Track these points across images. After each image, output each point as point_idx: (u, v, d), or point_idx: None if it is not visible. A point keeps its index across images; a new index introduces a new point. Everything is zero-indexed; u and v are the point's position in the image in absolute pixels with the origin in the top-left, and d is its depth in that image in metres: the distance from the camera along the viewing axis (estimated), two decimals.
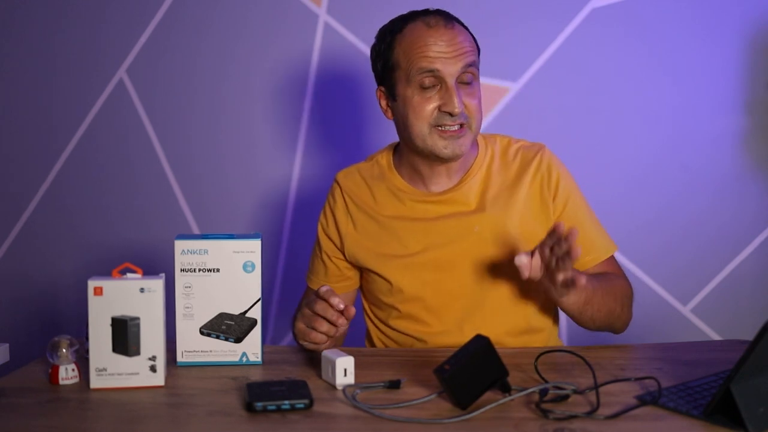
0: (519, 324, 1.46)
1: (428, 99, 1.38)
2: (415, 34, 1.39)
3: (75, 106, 2.22)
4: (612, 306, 1.39)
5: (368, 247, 1.49)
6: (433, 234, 1.45)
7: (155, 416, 1.09)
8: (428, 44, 1.37)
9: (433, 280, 1.45)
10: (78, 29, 2.20)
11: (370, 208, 1.51)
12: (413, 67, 1.38)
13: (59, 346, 1.21)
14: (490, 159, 1.49)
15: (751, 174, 2.06)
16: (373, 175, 1.53)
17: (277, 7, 2.13)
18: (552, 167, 1.47)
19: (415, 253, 1.45)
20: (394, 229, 1.48)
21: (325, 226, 1.56)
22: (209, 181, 2.20)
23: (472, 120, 1.40)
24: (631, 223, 2.07)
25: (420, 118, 1.39)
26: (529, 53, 2.07)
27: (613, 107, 2.07)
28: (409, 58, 1.38)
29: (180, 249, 1.29)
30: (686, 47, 2.04)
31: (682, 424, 1.01)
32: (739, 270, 2.07)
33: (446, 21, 1.40)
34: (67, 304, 2.26)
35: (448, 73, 1.36)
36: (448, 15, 1.43)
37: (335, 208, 1.54)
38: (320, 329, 1.26)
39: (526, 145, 1.50)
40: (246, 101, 2.17)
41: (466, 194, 1.46)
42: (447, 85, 1.37)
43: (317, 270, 1.59)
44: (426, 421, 1.03)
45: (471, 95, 1.39)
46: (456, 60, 1.36)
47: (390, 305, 1.49)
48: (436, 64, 1.36)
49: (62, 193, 2.25)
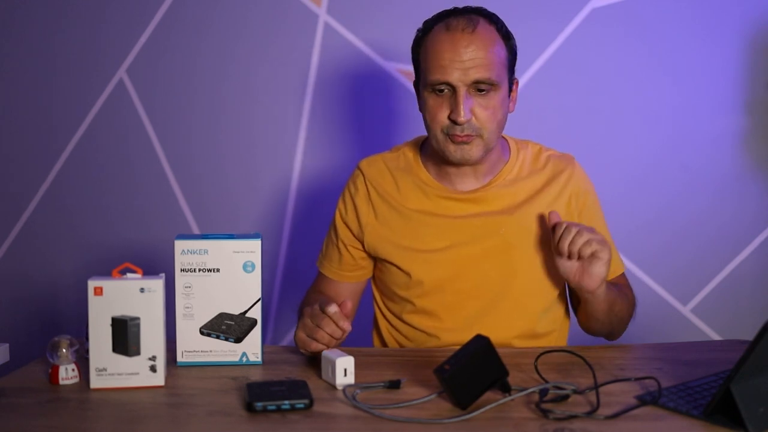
0: (530, 328, 1.46)
1: (440, 105, 1.38)
2: (434, 39, 1.39)
3: (75, 106, 2.22)
4: (625, 315, 1.46)
5: (389, 238, 1.47)
6: (457, 232, 1.45)
7: (155, 416, 1.09)
8: (443, 52, 1.36)
9: (451, 277, 1.44)
10: (78, 29, 2.20)
11: (393, 198, 1.49)
12: (428, 74, 1.39)
13: (59, 346, 1.21)
14: (521, 164, 1.49)
15: (751, 174, 2.06)
16: (399, 167, 1.52)
17: (277, 7, 2.13)
18: (583, 183, 1.49)
19: (437, 249, 1.45)
20: (417, 222, 1.46)
21: (343, 214, 1.54)
22: (209, 181, 2.20)
23: (483, 129, 1.38)
24: (631, 223, 2.07)
25: (434, 122, 1.40)
26: (529, 53, 2.07)
27: (613, 107, 2.07)
28: (427, 64, 1.40)
29: (180, 249, 1.29)
30: (686, 47, 2.04)
31: (682, 424, 1.01)
32: (739, 270, 2.08)
33: (467, 24, 1.38)
34: (67, 304, 2.26)
35: (457, 82, 1.35)
36: (471, 17, 1.40)
37: (356, 196, 1.52)
38: (322, 341, 1.26)
39: (556, 155, 1.51)
40: (246, 101, 2.17)
41: (494, 196, 1.46)
42: (456, 94, 1.36)
43: (331, 256, 1.57)
44: (426, 421, 1.03)
45: (484, 105, 1.37)
46: (468, 72, 1.35)
47: (405, 299, 1.48)
48: (447, 75, 1.36)
49: (62, 193, 2.25)
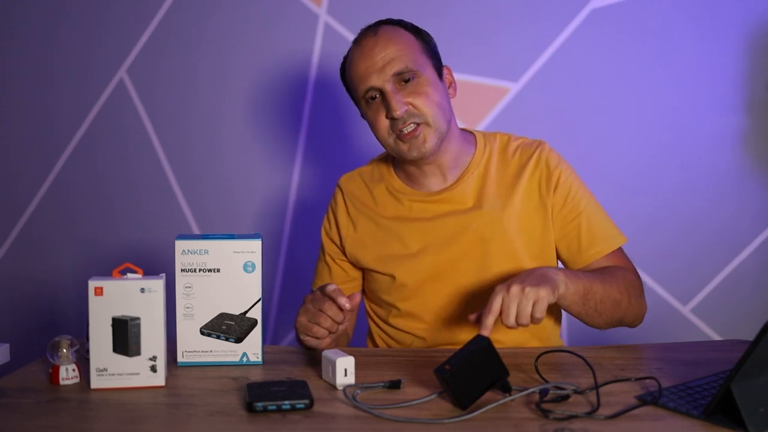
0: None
1: (377, 111, 1.42)
2: (352, 58, 1.45)
3: (75, 106, 2.22)
4: (617, 296, 1.35)
5: (369, 249, 1.50)
6: (431, 233, 1.46)
7: (155, 416, 1.09)
8: (359, 63, 1.42)
9: (431, 278, 1.46)
10: (78, 29, 2.20)
11: (370, 210, 1.52)
12: (357, 90, 1.44)
13: (59, 346, 1.21)
14: (488, 156, 1.49)
15: (751, 174, 2.06)
16: (374, 178, 1.56)
17: (277, 7, 2.13)
18: (551, 161, 1.46)
19: (416, 252, 1.46)
20: (395, 229, 1.49)
21: (327, 229, 1.59)
22: (209, 181, 2.20)
23: (426, 115, 1.40)
24: (631, 223, 2.06)
25: (379, 130, 1.43)
26: (529, 53, 2.07)
27: (613, 107, 2.07)
28: (352, 82, 1.45)
29: (180, 249, 1.29)
30: (686, 47, 2.04)
31: (682, 424, 1.01)
32: (739, 270, 2.08)
33: (369, 32, 1.43)
34: (67, 304, 2.26)
35: (380, 83, 1.39)
36: (377, 24, 1.46)
37: (337, 211, 1.57)
38: (323, 325, 1.26)
39: (526, 143, 1.50)
40: (246, 101, 2.17)
41: (462, 192, 1.47)
42: (384, 94, 1.40)
43: (322, 274, 1.60)
44: (426, 421, 1.03)
45: (413, 93, 1.39)
46: (383, 70, 1.39)
47: (390, 303, 1.50)
48: (368, 81, 1.40)
49: (63, 193, 2.25)
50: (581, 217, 1.44)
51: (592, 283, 1.30)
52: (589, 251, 1.43)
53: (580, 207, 1.45)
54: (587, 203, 1.46)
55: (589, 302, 1.30)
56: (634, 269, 1.46)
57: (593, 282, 1.31)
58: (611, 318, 1.37)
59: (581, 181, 1.49)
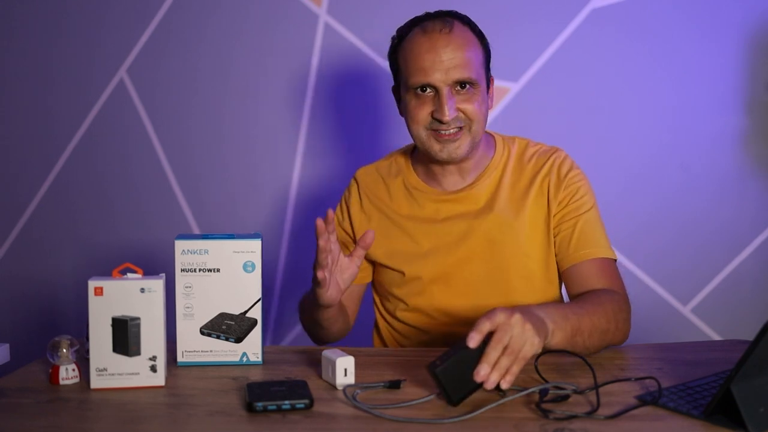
0: None
1: (423, 104, 1.41)
2: (412, 43, 1.42)
3: (75, 106, 2.22)
4: (604, 326, 1.28)
5: (380, 243, 1.50)
6: (441, 234, 1.48)
7: (155, 416, 1.09)
8: (425, 55, 1.39)
9: (441, 278, 1.47)
10: (78, 29, 2.20)
11: (385, 205, 1.54)
12: (409, 77, 1.41)
13: (59, 346, 1.21)
14: (506, 160, 1.50)
15: (751, 174, 2.06)
16: (391, 173, 1.56)
17: (277, 7, 2.13)
18: (563, 167, 1.47)
19: (426, 251, 1.48)
20: (407, 227, 1.51)
21: (340, 220, 1.59)
22: (209, 181, 2.20)
23: (472, 122, 1.41)
24: (631, 223, 2.07)
25: (416, 122, 1.42)
26: (529, 53, 2.07)
27: (613, 107, 2.07)
28: (407, 68, 1.42)
29: (180, 249, 1.29)
30: (686, 47, 2.04)
31: (682, 424, 1.01)
32: (739, 270, 2.07)
33: (443, 26, 1.40)
34: (67, 304, 2.26)
35: (440, 83, 1.38)
36: (446, 19, 1.42)
37: (351, 204, 1.58)
38: (324, 249, 1.29)
39: (543, 149, 1.51)
40: (246, 101, 2.17)
41: (476, 194, 1.48)
42: (440, 93, 1.39)
43: None
44: (426, 421, 1.03)
45: (467, 100, 1.40)
46: (448, 72, 1.38)
47: (399, 298, 1.52)
48: (429, 76, 1.38)
49: (63, 193, 2.25)
50: (579, 220, 1.44)
51: (580, 321, 1.23)
52: (580, 252, 1.43)
53: (581, 210, 1.45)
54: (589, 211, 1.46)
55: (577, 341, 1.23)
56: (624, 290, 1.41)
57: (581, 318, 1.24)
58: (598, 347, 1.30)
59: (590, 190, 1.48)
